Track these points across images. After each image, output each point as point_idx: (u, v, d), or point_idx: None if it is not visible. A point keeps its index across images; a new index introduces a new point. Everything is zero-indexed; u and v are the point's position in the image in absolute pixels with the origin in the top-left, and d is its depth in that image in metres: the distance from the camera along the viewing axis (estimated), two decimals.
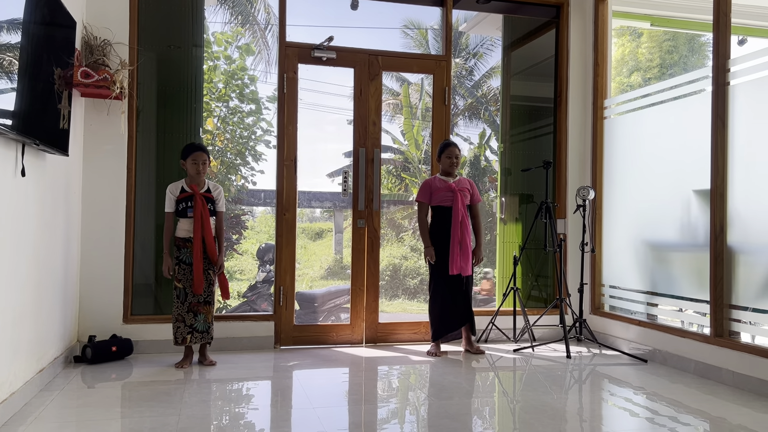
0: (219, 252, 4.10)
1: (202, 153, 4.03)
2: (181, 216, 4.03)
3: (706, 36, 11.55)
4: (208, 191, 4.08)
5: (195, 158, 4.01)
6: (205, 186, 4.08)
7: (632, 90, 5.01)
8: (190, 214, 4.01)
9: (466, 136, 14.48)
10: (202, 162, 4.02)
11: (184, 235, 4.04)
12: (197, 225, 3.97)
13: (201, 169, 4.01)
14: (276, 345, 4.67)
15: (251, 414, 3.09)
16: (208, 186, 4.11)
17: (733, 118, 3.83)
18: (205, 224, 3.99)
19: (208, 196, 4.06)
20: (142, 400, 3.25)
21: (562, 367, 4.17)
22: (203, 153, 4.03)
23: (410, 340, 4.96)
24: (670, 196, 4.37)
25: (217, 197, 4.12)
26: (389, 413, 3.16)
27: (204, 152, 4.04)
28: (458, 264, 4.41)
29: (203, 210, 3.98)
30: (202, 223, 3.98)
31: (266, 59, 11.29)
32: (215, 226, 4.11)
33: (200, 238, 3.97)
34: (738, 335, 3.80)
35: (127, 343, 4.25)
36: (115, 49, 4.29)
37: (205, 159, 4.03)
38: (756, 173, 3.65)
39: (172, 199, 4.03)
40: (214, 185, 4.14)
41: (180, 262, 4.03)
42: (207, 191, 4.08)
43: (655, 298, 4.52)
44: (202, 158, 4.02)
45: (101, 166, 4.34)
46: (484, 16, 5.84)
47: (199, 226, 3.97)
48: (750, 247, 3.70)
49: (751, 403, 3.36)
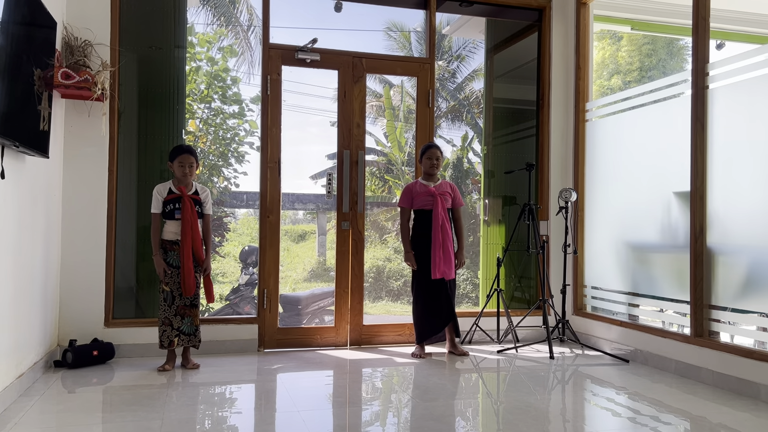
0: (206, 255, 4.07)
1: (189, 155, 4.00)
2: (168, 218, 4.00)
3: (684, 40, 11.72)
4: (195, 193, 4.05)
5: (182, 161, 3.98)
6: (192, 188, 4.05)
7: (613, 93, 5.07)
8: (177, 216, 3.97)
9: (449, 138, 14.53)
10: (189, 165, 3.99)
11: (171, 237, 4.00)
12: (186, 227, 3.93)
13: (188, 171, 3.98)
14: (260, 348, 4.64)
15: (235, 417, 3.07)
16: (196, 188, 4.08)
17: (712, 121, 3.89)
18: (193, 226, 3.96)
19: (195, 198, 4.03)
20: (125, 404, 3.21)
21: (545, 368, 4.20)
22: (191, 155, 4.00)
23: (395, 342, 4.96)
24: (651, 198, 4.43)
25: (205, 200, 4.09)
26: (374, 415, 3.16)
27: (191, 155, 4.01)
28: (441, 268, 4.42)
29: (192, 212, 3.95)
30: (191, 225, 3.95)
31: (249, 60, 11.25)
32: (202, 229, 4.08)
33: (189, 240, 3.93)
34: (717, 335, 3.86)
35: (109, 347, 4.21)
36: (96, 50, 4.24)
37: (192, 161, 4.00)
38: (734, 175, 3.71)
39: (159, 200, 3.99)
40: (202, 187, 4.11)
41: (167, 265, 3.99)
42: (195, 193, 4.05)
43: (636, 299, 4.57)
44: (189, 161, 3.99)
45: (82, 168, 4.29)
46: (467, 19, 5.87)
47: (188, 229, 3.93)
48: (729, 247, 3.76)
49: (730, 402, 3.41)
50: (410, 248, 4.52)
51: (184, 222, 3.94)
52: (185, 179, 4.00)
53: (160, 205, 3.99)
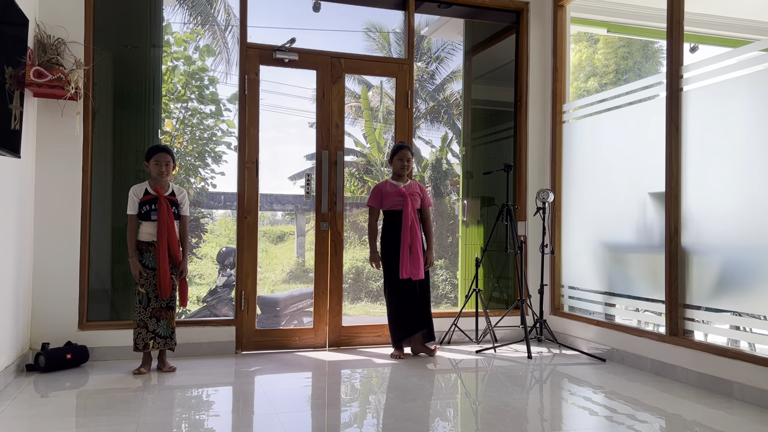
0: (183, 257, 4.03)
1: (165, 154, 3.95)
2: (144, 219, 3.94)
3: (659, 43, 11.89)
4: (172, 194, 4.01)
5: (158, 159, 3.93)
6: (169, 189, 4.00)
7: (589, 95, 5.13)
8: (153, 218, 3.92)
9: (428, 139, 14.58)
10: (165, 163, 3.94)
11: (147, 238, 3.95)
12: (162, 228, 3.88)
13: (164, 170, 3.93)
14: (237, 350, 4.60)
15: (212, 421, 3.04)
16: (173, 189, 4.03)
17: (686, 122, 3.95)
18: (170, 227, 3.91)
19: (172, 199, 3.99)
20: (99, 408, 3.16)
21: (523, 368, 4.22)
22: (167, 154, 3.96)
23: (374, 342, 4.96)
24: (627, 199, 4.48)
25: (182, 201, 4.05)
26: (353, 417, 3.15)
27: (168, 154, 3.97)
28: (408, 269, 4.42)
29: (168, 213, 3.91)
30: (168, 226, 3.90)
31: (226, 60, 11.17)
32: (179, 230, 4.03)
33: (165, 241, 3.89)
34: (692, 334, 3.92)
35: (83, 350, 4.13)
36: (70, 48, 4.18)
37: (169, 160, 3.96)
38: (708, 176, 3.77)
39: (135, 201, 3.94)
40: (179, 188, 4.06)
41: (143, 267, 3.94)
42: (171, 194, 4.00)
43: (612, 299, 4.62)
44: (165, 159, 3.94)
45: (55, 169, 4.21)
46: (445, 21, 5.89)
47: (164, 230, 3.89)
48: (703, 247, 3.81)
49: (704, 399, 3.46)
50: (375, 248, 4.53)
51: (160, 223, 3.89)
52: (161, 178, 3.95)
53: (136, 207, 3.93)
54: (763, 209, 3.40)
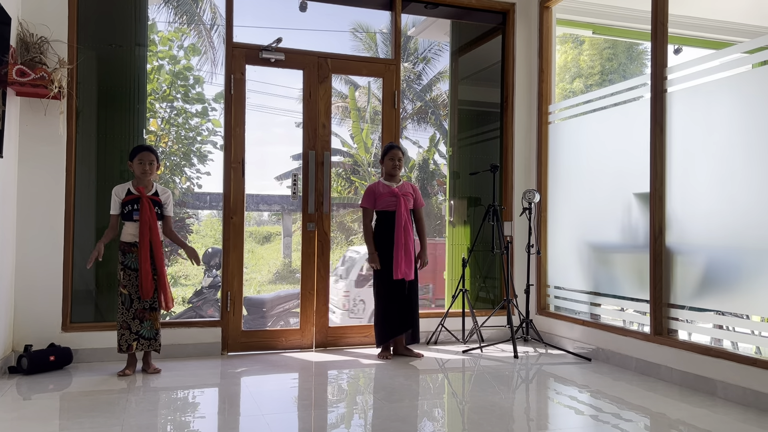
0: (185, 247, 4.01)
1: (148, 153, 3.92)
2: (127, 219, 3.91)
3: (643, 45, 12.00)
4: (155, 194, 3.98)
5: (141, 158, 3.91)
6: (152, 189, 3.97)
7: (575, 96, 5.16)
8: (135, 218, 3.89)
9: (415, 139, 14.60)
10: (149, 162, 3.91)
11: (130, 239, 3.92)
12: (144, 229, 3.85)
13: (147, 169, 3.90)
14: (223, 351, 4.58)
15: (198, 422, 3.02)
16: (156, 189, 4.00)
17: (670, 124, 3.99)
18: (152, 228, 3.88)
19: (155, 199, 3.95)
20: (83, 410, 3.13)
21: (509, 367, 4.24)
22: (150, 153, 3.93)
23: (361, 343, 4.95)
24: (612, 199, 4.51)
25: (165, 201, 4.02)
26: (340, 418, 3.14)
27: (151, 153, 3.94)
28: (402, 269, 4.43)
29: (150, 213, 3.88)
30: (150, 226, 3.87)
31: (212, 59, 11.12)
32: (164, 231, 4.00)
33: (147, 241, 3.86)
34: (676, 333, 3.95)
35: (66, 351, 4.09)
36: (53, 46, 4.13)
37: (152, 159, 3.93)
38: (692, 177, 3.81)
39: (117, 201, 3.91)
40: (163, 189, 4.03)
41: (125, 268, 3.91)
42: (155, 194, 3.97)
43: (598, 298, 4.65)
44: (149, 158, 3.92)
45: (38, 169, 4.17)
46: (432, 21, 5.90)
47: (146, 230, 3.86)
48: (687, 247, 3.85)
49: (688, 398, 3.49)
50: (374, 249, 4.52)
51: (142, 223, 3.86)
52: (144, 178, 3.92)
53: (118, 207, 3.90)
54: (745, 209, 3.44)
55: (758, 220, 3.36)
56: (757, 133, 3.39)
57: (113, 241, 4.01)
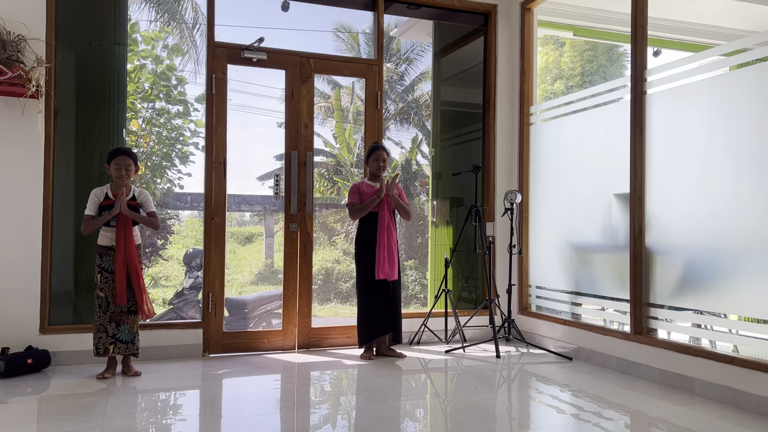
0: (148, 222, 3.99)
1: (125, 157, 3.88)
2: (104, 224, 3.88)
3: (623, 47, 12.12)
4: (132, 198, 3.93)
5: (118, 162, 3.86)
6: (130, 193, 3.93)
7: (555, 97, 5.20)
8: (112, 224, 3.85)
9: (398, 140, 14.61)
10: (126, 167, 3.86)
11: (107, 243, 3.88)
12: (120, 234, 3.81)
13: (124, 174, 3.86)
14: (205, 353, 4.54)
15: (179, 425, 2.99)
16: (134, 193, 3.95)
17: (650, 125, 4.03)
18: (128, 234, 3.84)
19: (133, 204, 3.91)
20: (61, 414, 3.09)
21: (492, 367, 4.26)
22: (127, 157, 3.88)
23: (344, 344, 4.94)
24: (593, 200, 4.55)
25: (143, 202, 3.97)
26: (323, 419, 3.13)
27: (129, 157, 3.89)
28: (385, 270, 4.43)
29: (126, 219, 3.84)
30: (125, 233, 3.83)
31: (194, 59, 11.03)
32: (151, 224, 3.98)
33: (122, 247, 3.81)
34: (656, 332, 4.00)
35: (44, 354, 4.03)
36: (31, 45, 4.07)
37: (129, 164, 3.88)
38: (671, 178, 3.86)
39: (96, 202, 3.86)
40: (140, 191, 3.99)
41: (102, 270, 3.87)
42: (132, 198, 3.93)
43: (579, 298, 4.69)
44: (126, 162, 3.87)
45: (15, 169, 4.10)
46: (414, 22, 5.91)
47: (122, 236, 3.81)
48: (666, 248, 3.90)
49: (668, 396, 3.53)
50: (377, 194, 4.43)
51: (119, 230, 3.82)
52: (121, 182, 3.88)
53: (95, 208, 3.86)
54: (722, 210, 3.49)
55: (735, 221, 3.42)
56: (735, 135, 3.44)
57: (91, 244, 3.96)
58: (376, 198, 4.43)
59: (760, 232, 3.28)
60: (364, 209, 4.47)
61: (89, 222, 3.85)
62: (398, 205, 4.53)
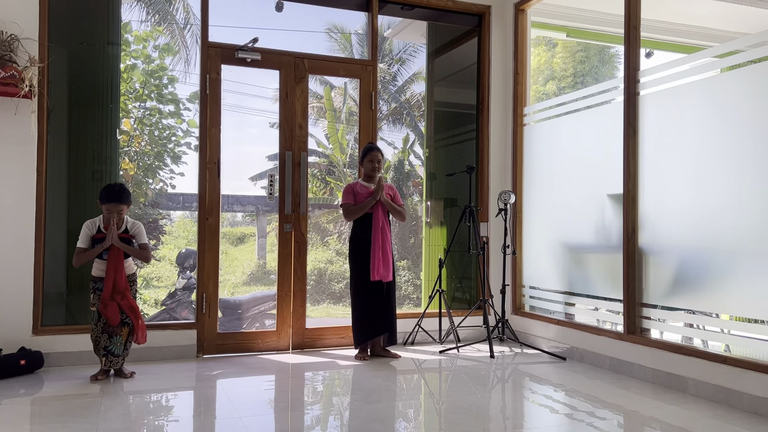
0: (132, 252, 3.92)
1: (117, 204, 3.80)
2: (97, 257, 3.86)
3: (615, 48, 12.17)
4: (125, 231, 3.89)
5: (110, 209, 3.81)
6: (123, 226, 3.89)
7: (548, 98, 5.22)
8: (104, 257, 3.82)
9: (391, 140, 14.62)
10: (117, 212, 3.81)
11: (99, 274, 3.87)
12: (110, 267, 3.78)
13: (115, 219, 3.80)
14: (199, 354, 4.53)
15: (173, 426, 2.98)
16: (126, 226, 3.91)
17: (643, 126, 4.06)
18: (117, 267, 3.80)
19: (125, 236, 3.87)
20: (55, 415, 3.07)
21: (486, 367, 4.27)
22: (119, 204, 3.81)
23: (338, 344, 4.94)
24: (586, 200, 4.57)
25: (135, 233, 3.91)
26: (317, 419, 3.13)
27: (121, 203, 3.81)
28: (380, 271, 4.43)
29: (118, 254, 3.81)
30: (115, 267, 3.79)
31: (185, 59, 10.99)
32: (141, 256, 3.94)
33: (111, 279, 3.78)
34: (649, 332, 4.02)
35: (37, 355, 4.01)
36: (24, 44, 4.05)
37: (122, 209, 3.83)
38: (664, 178, 3.88)
39: (88, 234, 3.82)
40: (132, 222, 3.92)
41: (95, 290, 3.86)
42: (124, 231, 3.89)
43: (572, 298, 4.71)
44: (118, 209, 3.81)
45: (8, 169, 4.08)
46: (408, 23, 5.92)
47: (111, 270, 3.78)
48: (659, 248, 3.92)
49: (661, 395, 3.56)
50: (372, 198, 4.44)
51: (109, 262, 3.79)
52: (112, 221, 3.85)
53: (87, 241, 3.83)
54: (714, 210, 3.52)
55: (727, 221, 3.44)
56: (726, 136, 3.47)
57: None
58: (371, 200, 4.44)
59: (752, 232, 3.31)
60: (359, 211, 4.47)
61: (81, 255, 3.82)
62: (391, 208, 4.54)
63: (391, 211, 4.56)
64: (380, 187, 4.45)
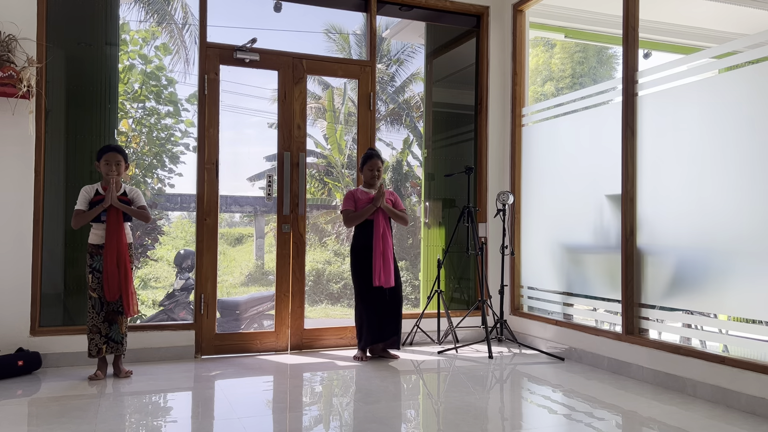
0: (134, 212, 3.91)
1: (115, 153, 3.86)
2: (94, 221, 3.85)
3: (613, 48, 12.19)
4: (123, 194, 3.92)
5: (108, 159, 3.85)
6: (121, 189, 3.91)
7: (546, 99, 5.23)
8: (103, 218, 3.83)
9: (389, 141, 14.61)
10: (116, 163, 3.85)
11: (97, 241, 3.85)
12: (111, 229, 3.79)
13: (114, 169, 3.84)
14: (197, 354, 4.53)
15: (170, 427, 2.98)
16: (124, 189, 3.94)
17: (641, 126, 4.06)
18: (119, 229, 3.82)
19: (123, 198, 3.89)
20: (52, 416, 3.06)
21: (484, 368, 4.27)
22: (117, 153, 3.87)
23: (336, 345, 4.94)
24: (584, 201, 4.58)
25: (134, 197, 3.95)
26: (316, 420, 3.13)
27: (118, 153, 3.88)
28: (381, 278, 4.43)
29: (117, 214, 3.81)
30: (116, 228, 3.81)
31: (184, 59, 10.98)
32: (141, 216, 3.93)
33: (114, 243, 3.79)
34: (647, 332, 4.02)
35: (35, 356, 4.00)
36: (22, 45, 4.04)
37: (119, 160, 3.87)
38: (662, 179, 3.89)
39: (86, 197, 3.84)
40: (131, 188, 3.97)
41: (93, 270, 3.84)
42: (123, 194, 3.91)
43: (570, 299, 4.72)
44: (116, 159, 3.85)
45: (6, 169, 4.07)
46: (407, 23, 5.92)
47: (113, 230, 3.79)
48: (657, 248, 3.93)
49: (659, 396, 3.56)
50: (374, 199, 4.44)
51: (109, 224, 3.80)
52: (111, 178, 3.85)
53: (86, 203, 3.83)
54: (713, 211, 3.52)
55: (726, 221, 3.45)
56: (724, 137, 3.47)
57: (82, 245, 3.93)
58: (372, 207, 4.44)
59: (750, 233, 3.31)
60: (359, 217, 4.47)
61: (79, 216, 3.82)
62: (392, 214, 4.54)
63: (393, 217, 4.57)
64: (381, 194, 4.45)
